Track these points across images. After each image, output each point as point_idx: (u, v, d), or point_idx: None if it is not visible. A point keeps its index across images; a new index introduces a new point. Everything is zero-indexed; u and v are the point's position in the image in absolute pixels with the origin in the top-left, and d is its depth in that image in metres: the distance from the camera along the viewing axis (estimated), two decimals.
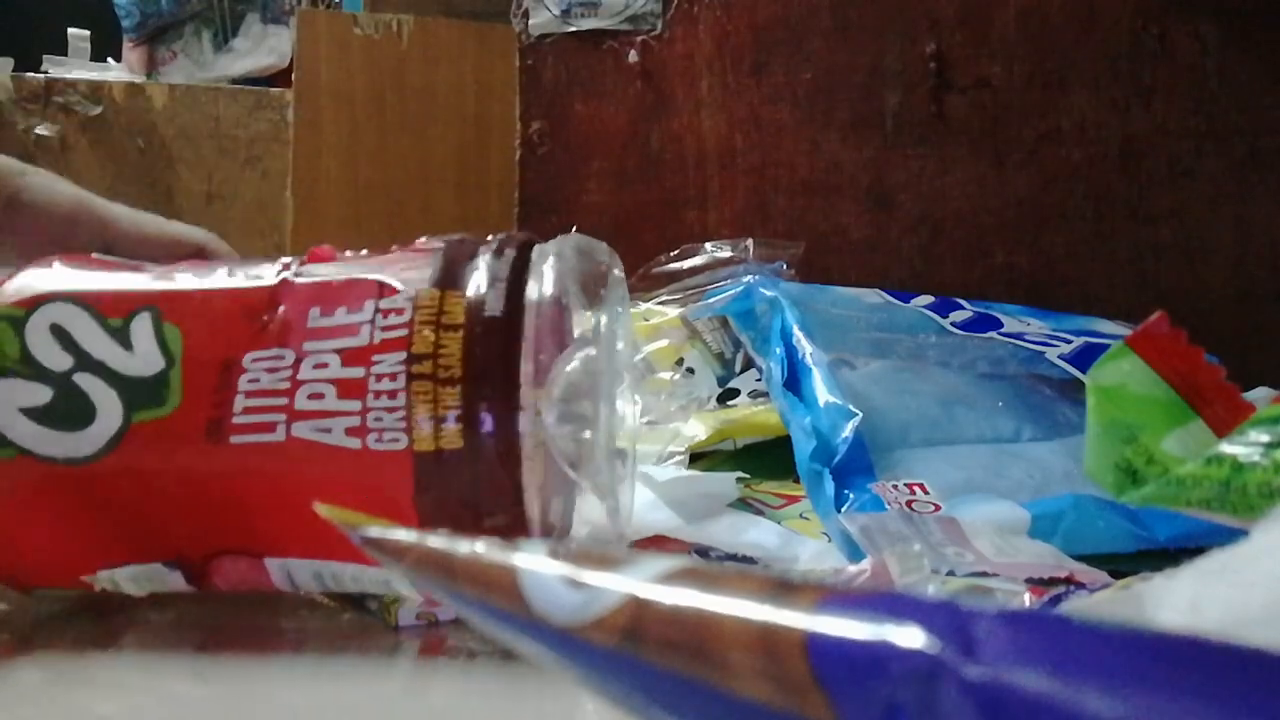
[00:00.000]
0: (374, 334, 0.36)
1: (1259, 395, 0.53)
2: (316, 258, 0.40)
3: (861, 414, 0.51)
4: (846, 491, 0.48)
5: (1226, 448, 0.29)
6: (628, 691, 0.19)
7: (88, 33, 1.51)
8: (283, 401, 0.36)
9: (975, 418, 0.56)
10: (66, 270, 0.40)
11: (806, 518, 0.51)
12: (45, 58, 1.40)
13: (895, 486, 0.48)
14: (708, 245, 0.74)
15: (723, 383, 0.69)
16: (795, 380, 0.56)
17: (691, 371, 0.69)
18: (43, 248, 0.43)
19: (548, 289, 0.37)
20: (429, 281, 0.37)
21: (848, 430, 0.51)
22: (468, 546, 0.22)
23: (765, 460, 0.58)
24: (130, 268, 0.41)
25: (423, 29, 1.02)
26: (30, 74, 1.22)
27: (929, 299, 0.66)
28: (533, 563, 0.20)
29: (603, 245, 0.40)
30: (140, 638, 0.40)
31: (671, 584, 0.19)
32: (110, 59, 1.50)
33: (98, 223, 0.47)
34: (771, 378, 0.57)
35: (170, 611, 0.42)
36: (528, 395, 0.35)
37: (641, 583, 0.19)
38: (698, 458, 0.58)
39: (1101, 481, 0.32)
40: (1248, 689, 0.14)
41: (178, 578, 0.38)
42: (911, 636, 0.15)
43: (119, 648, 0.39)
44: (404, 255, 0.39)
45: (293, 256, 0.40)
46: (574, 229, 0.42)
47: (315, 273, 0.39)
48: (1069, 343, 0.61)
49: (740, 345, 0.69)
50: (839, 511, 0.47)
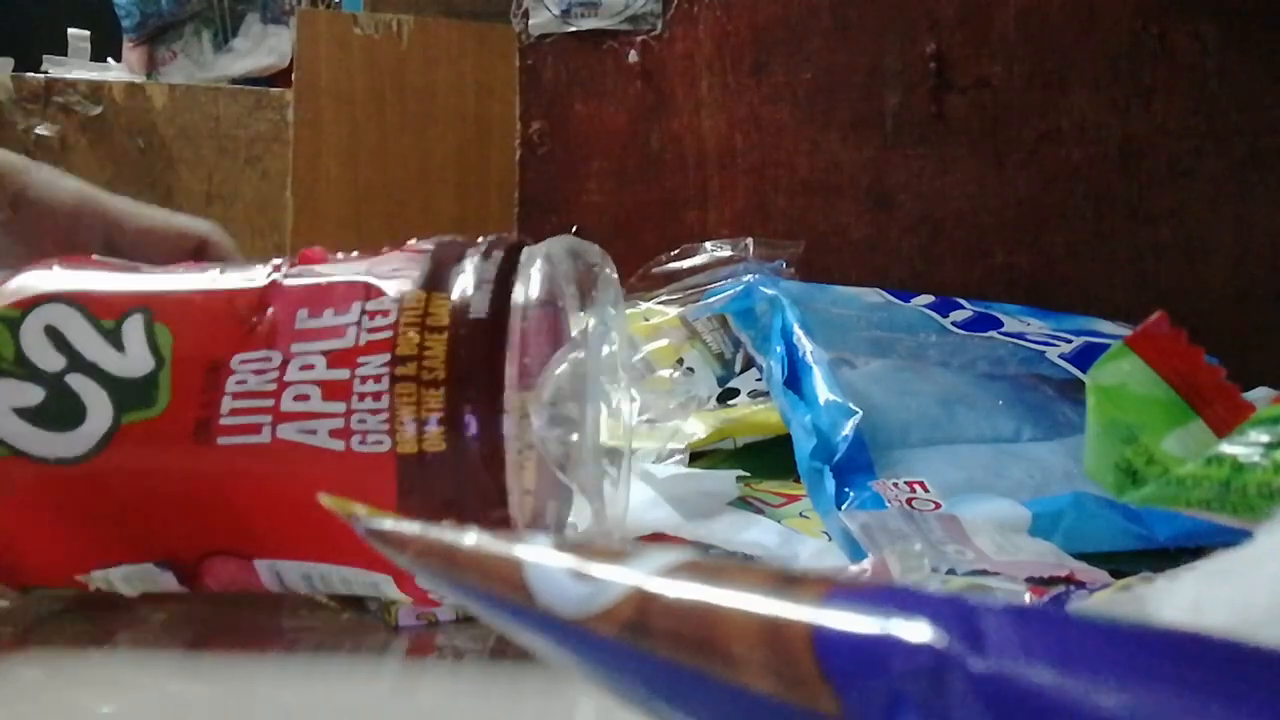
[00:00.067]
0: (360, 336, 0.36)
1: (1259, 395, 0.53)
2: (307, 259, 0.40)
3: (862, 412, 0.51)
4: (847, 489, 0.48)
5: (1226, 448, 0.28)
6: (632, 684, 0.19)
7: (88, 33, 1.51)
8: (269, 403, 0.36)
9: (975, 417, 0.56)
10: (64, 272, 0.40)
11: (806, 516, 0.51)
12: (45, 58, 1.40)
13: (896, 484, 0.48)
14: (708, 245, 0.74)
15: (722, 382, 0.69)
16: (796, 378, 0.56)
17: (691, 371, 0.69)
18: (48, 243, 0.43)
19: (534, 291, 0.37)
20: (416, 283, 0.37)
21: (848, 428, 0.50)
22: (472, 538, 0.22)
23: (765, 459, 0.58)
24: (127, 269, 0.41)
25: (423, 29, 1.02)
26: (30, 74, 1.22)
27: (929, 298, 0.66)
28: (538, 555, 0.20)
29: (594, 247, 0.40)
30: (136, 636, 0.40)
31: (677, 576, 0.19)
32: (110, 59, 1.50)
33: (102, 217, 0.47)
34: (772, 376, 0.57)
35: (165, 610, 0.42)
36: (512, 398, 0.35)
37: (647, 575, 0.19)
38: (698, 456, 0.58)
39: (1101, 481, 0.32)
40: (1252, 685, 0.14)
41: (170, 578, 0.38)
42: (919, 630, 0.15)
43: (115, 645, 0.39)
44: (394, 257, 0.39)
45: (283, 258, 0.40)
46: (574, 229, 0.42)
47: (305, 275, 0.39)
48: (1069, 342, 0.61)
49: (740, 345, 0.69)
50: (839, 509, 0.47)
